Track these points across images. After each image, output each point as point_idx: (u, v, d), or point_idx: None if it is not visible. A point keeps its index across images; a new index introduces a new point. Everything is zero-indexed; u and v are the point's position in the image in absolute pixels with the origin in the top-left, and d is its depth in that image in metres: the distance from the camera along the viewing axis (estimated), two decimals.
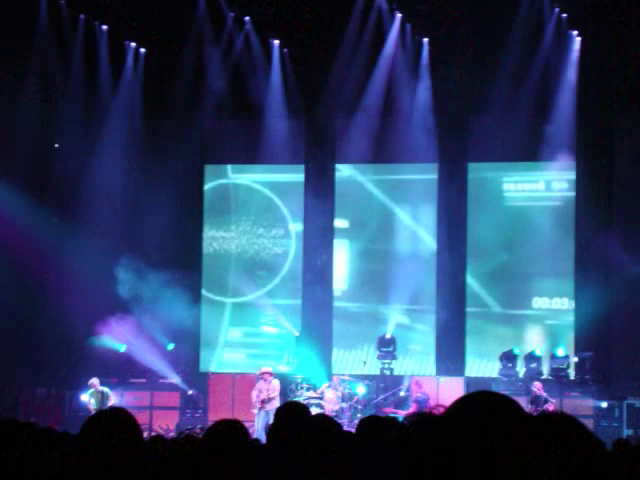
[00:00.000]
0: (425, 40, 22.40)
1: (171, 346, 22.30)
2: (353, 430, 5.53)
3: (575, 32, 21.63)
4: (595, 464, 1.94)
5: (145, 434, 18.16)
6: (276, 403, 18.00)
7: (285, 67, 22.90)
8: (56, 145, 23.40)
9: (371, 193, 23.39)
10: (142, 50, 23.07)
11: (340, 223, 23.47)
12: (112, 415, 3.97)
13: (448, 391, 19.95)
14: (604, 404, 20.14)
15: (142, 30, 22.25)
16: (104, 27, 22.46)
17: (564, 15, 21.48)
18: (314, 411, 16.33)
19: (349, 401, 19.96)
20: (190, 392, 21.76)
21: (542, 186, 22.75)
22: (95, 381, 19.35)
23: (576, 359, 21.28)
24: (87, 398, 19.34)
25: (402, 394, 20.69)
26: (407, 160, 22.66)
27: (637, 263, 20.73)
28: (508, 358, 21.51)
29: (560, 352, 21.50)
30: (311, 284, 23.10)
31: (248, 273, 23.64)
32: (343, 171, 23.50)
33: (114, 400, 19.36)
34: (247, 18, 22.54)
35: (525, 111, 21.57)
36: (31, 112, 21.72)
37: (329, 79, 22.14)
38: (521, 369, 21.55)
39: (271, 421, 5.61)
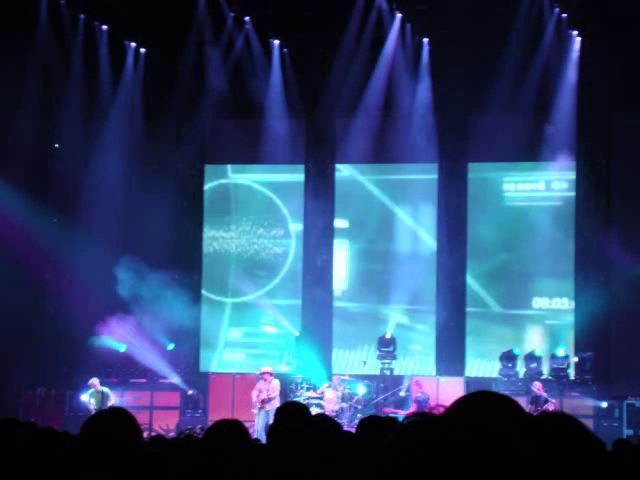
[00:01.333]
0: (425, 40, 22.41)
1: (171, 346, 22.30)
2: (353, 430, 5.54)
3: (575, 32, 21.63)
4: (595, 464, 1.94)
5: (145, 434, 18.15)
6: (276, 403, 18.01)
7: (285, 67, 22.89)
8: (56, 145, 23.41)
9: (371, 193, 23.38)
10: (142, 50, 23.08)
11: (340, 223, 23.47)
12: (112, 415, 3.97)
13: (448, 391, 19.94)
14: (604, 404, 20.14)
15: (142, 30, 22.26)
16: (104, 27, 22.47)
17: (564, 15, 21.48)
18: (314, 411, 16.33)
19: (349, 401, 19.96)
20: (190, 392, 21.75)
21: (542, 186, 22.74)
22: (95, 381, 19.35)
23: (576, 359, 21.28)
24: (87, 398, 19.33)
25: (402, 394, 20.68)
26: (407, 160, 22.66)
27: (637, 263, 20.74)
28: (508, 358, 21.51)
29: (560, 352, 21.50)
30: (311, 284, 23.10)
31: (248, 273, 23.63)
32: (343, 171, 23.50)
33: (114, 400, 19.36)
34: (247, 18, 22.54)
35: (525, 111, 21.57)
36: (31, 112, 21.72)
37: (329, 79, 22.14)
38: (521, 369, 21.56)
39: (271, 421, 5.61)
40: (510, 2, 21.04)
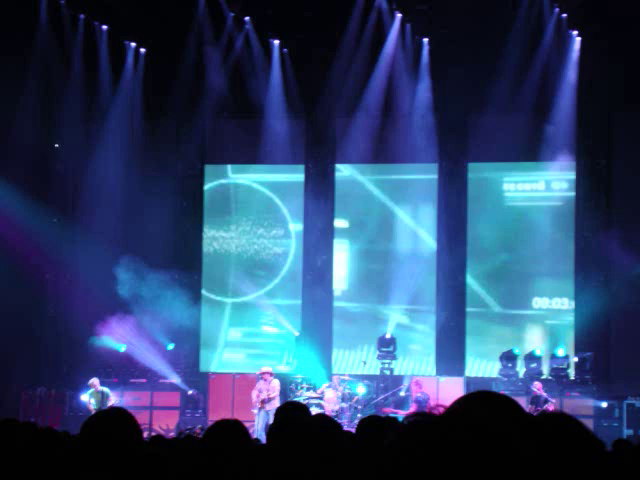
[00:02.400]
0: (425, 40, 22.41)
1: (171, 346, 22.31)
2: (353, 430, 5.54)
3: (575, 32, 21.64)
4: (595, 464, 1.94)
5: (145, 434, 18.16)
6: (276, 403, 18.01)
7: (285, 67, 22.90)
8: (56, 145, 23.41)
9: (371, 193, 23.38)
10: (142, 50, 23.08)
11: (340, 223, 23.47)
12: (112, 415, 3.97)
13: (448, 391, 19.95)
14: (604, 404, 20.14)
15: (142, 30, 22.26)
16: (104, 27, 22.47)
17: (564, 15, 21.49)
18: (314, 411, 16.33)
19: (349, 401, 19.96)
20: (190, 392, 21.76)
21: (542, 186, 22.74)
22: (95, 381, 19.36)
23: (576, 359, 21.28)
24: (87, 398, 19.34)
25: (402, 394, 20.69)
26: (407, 160, 22.65)
27: (637, 263, 20.74)
28: (508, 358, 21.51)
29: (560, 352, 21.50)
30: (311, 284, 23.10)
31: (248, 273, 23.63)
32: (343, 171, 23.50)
33: (114, 400, 19.36)
34: (247, 18, 22.54)
35: (525, 111, 21.57)
36: (31, 112, 21.73)
37: (329, 79, 22.14)
38: (521, 369, 21.56)
39: (271, 421, 5.61)
40: (510, 2, 21.04)
